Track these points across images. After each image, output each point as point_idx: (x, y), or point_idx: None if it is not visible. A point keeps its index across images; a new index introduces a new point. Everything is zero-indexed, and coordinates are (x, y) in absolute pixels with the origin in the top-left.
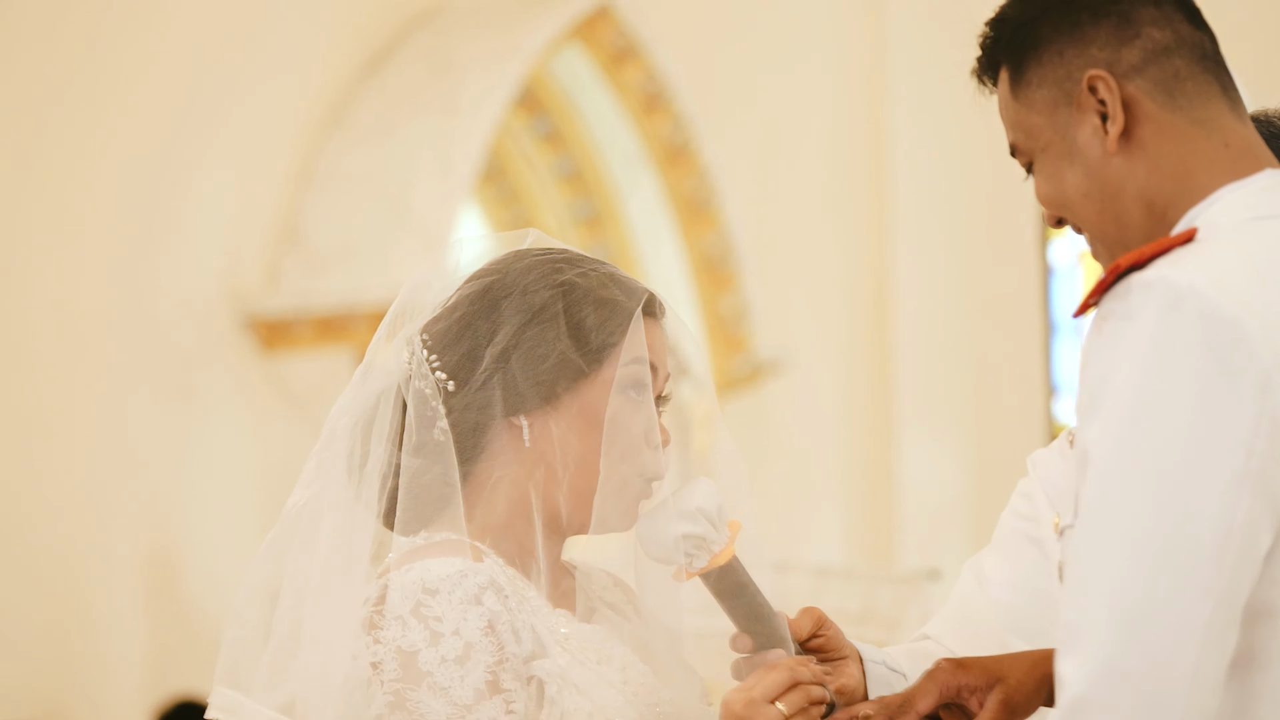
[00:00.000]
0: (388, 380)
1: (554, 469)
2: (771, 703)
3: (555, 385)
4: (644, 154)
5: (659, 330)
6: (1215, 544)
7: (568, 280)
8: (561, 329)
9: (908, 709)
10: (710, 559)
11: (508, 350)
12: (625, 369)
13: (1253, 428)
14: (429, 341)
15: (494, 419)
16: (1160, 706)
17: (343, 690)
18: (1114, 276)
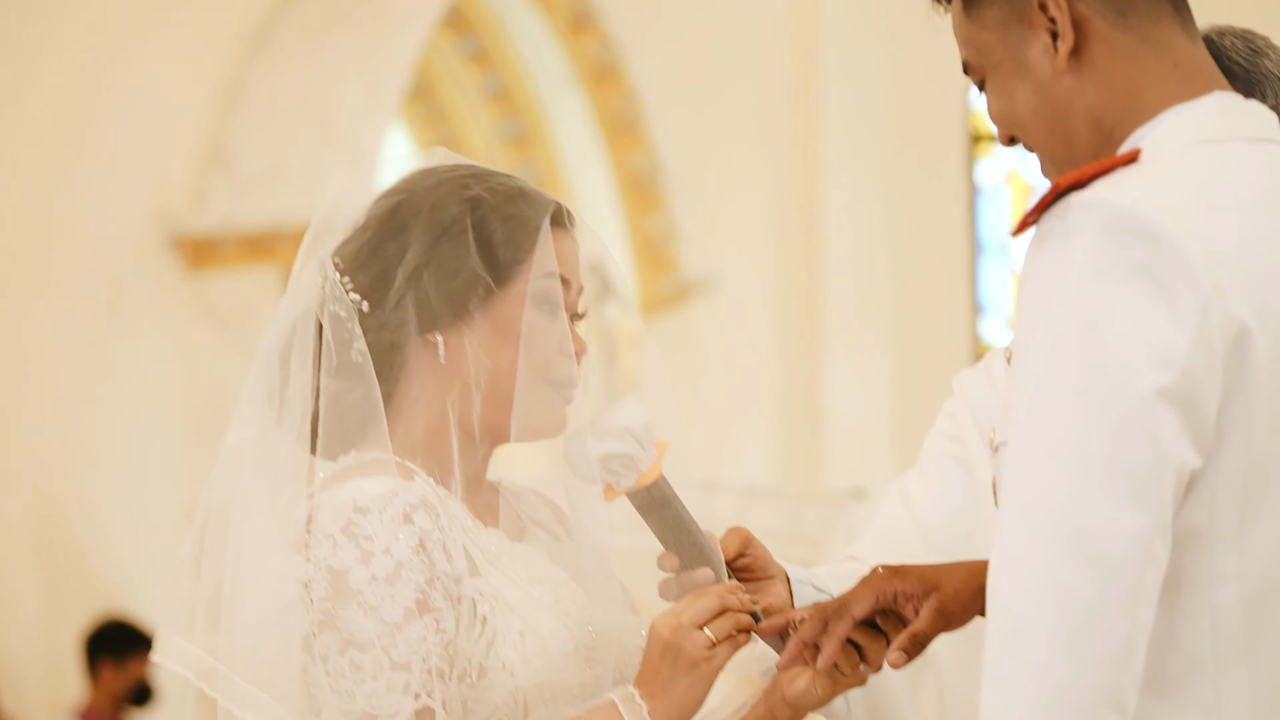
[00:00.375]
0: (304, 305)
1: (470, 384)
2: (700, 628)
3: (467, 301)
4: (572, 73)
5: (570, 240)
6: (1151, 459)
7: (475, 195)
8: (470, 245)
9: (843, 614)
10: (637, 478)
11: (418, 268)
12: (536, 283)
13: (1189, 350)
14: (341, 264)
15: (409, 338)
16: (1106, 624)
17: (274, 612)
18: (1054, 195)
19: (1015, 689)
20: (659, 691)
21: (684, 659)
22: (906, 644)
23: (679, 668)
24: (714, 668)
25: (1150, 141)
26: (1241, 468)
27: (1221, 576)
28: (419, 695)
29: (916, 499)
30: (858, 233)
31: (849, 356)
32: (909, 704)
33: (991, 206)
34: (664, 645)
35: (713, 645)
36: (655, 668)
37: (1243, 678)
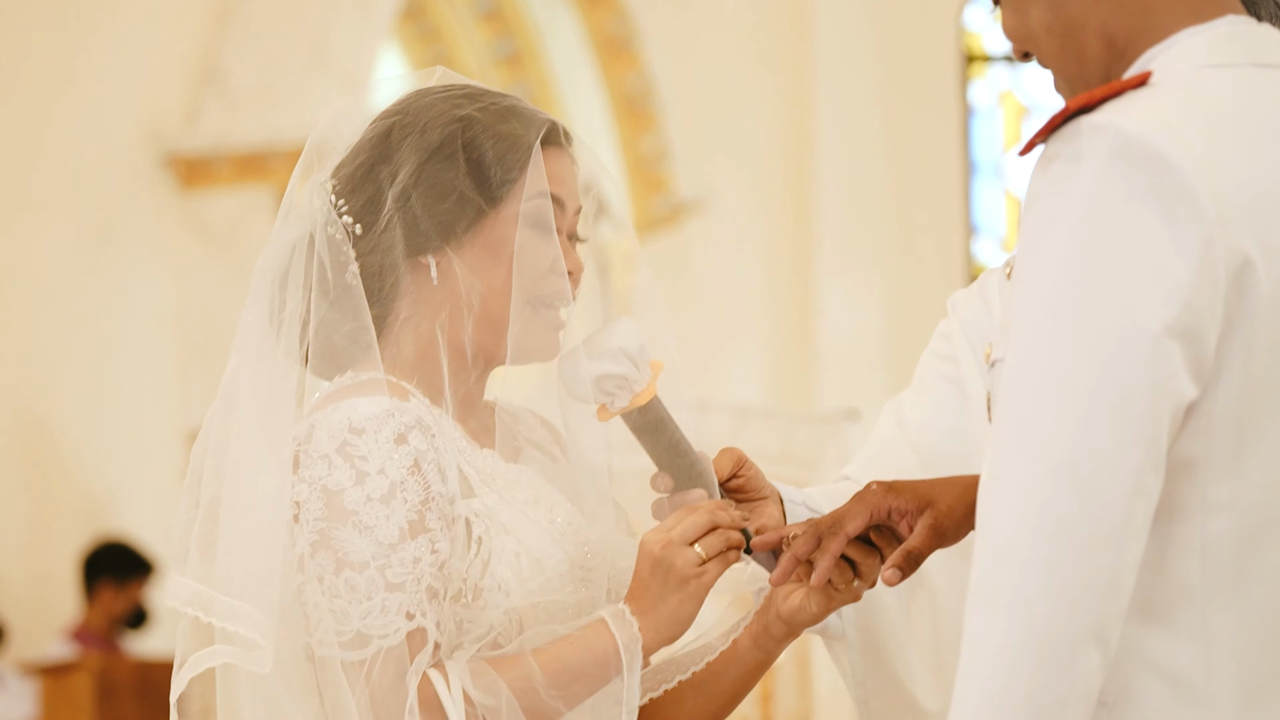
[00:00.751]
0: (300, 228)
1: (460, 306)
2: (690, 545)
3: (456, 223)
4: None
5: (565, 159)
6: (1148, 392)
7: (466, 115)
8: (460, 165)
9: (837, 530)
10: (631, 398)
11: (408, 190)
12: (528, 204)
13: (1192, 281)
14: (337, 186)
15: (401, 260)
16: (1091, 555)
17: (264, 533)
18: (1063, 117)
19: (998, 616)
20: (649, 608)
21: (674, 575)
22: (901, 561)
23: (669, 584)
24: (704, 584)
25: (1161, 63)
26: (1238, 399)
27: (1214, 506)
28: (413, 616)
29: (910, 420)
30: (851, 153)
31: (842, 276)
32: (903, 623)
33: (985, 127)
34: (654, 562)
35: (703, 562)
36: (645, 584)
37: (1230, 607)
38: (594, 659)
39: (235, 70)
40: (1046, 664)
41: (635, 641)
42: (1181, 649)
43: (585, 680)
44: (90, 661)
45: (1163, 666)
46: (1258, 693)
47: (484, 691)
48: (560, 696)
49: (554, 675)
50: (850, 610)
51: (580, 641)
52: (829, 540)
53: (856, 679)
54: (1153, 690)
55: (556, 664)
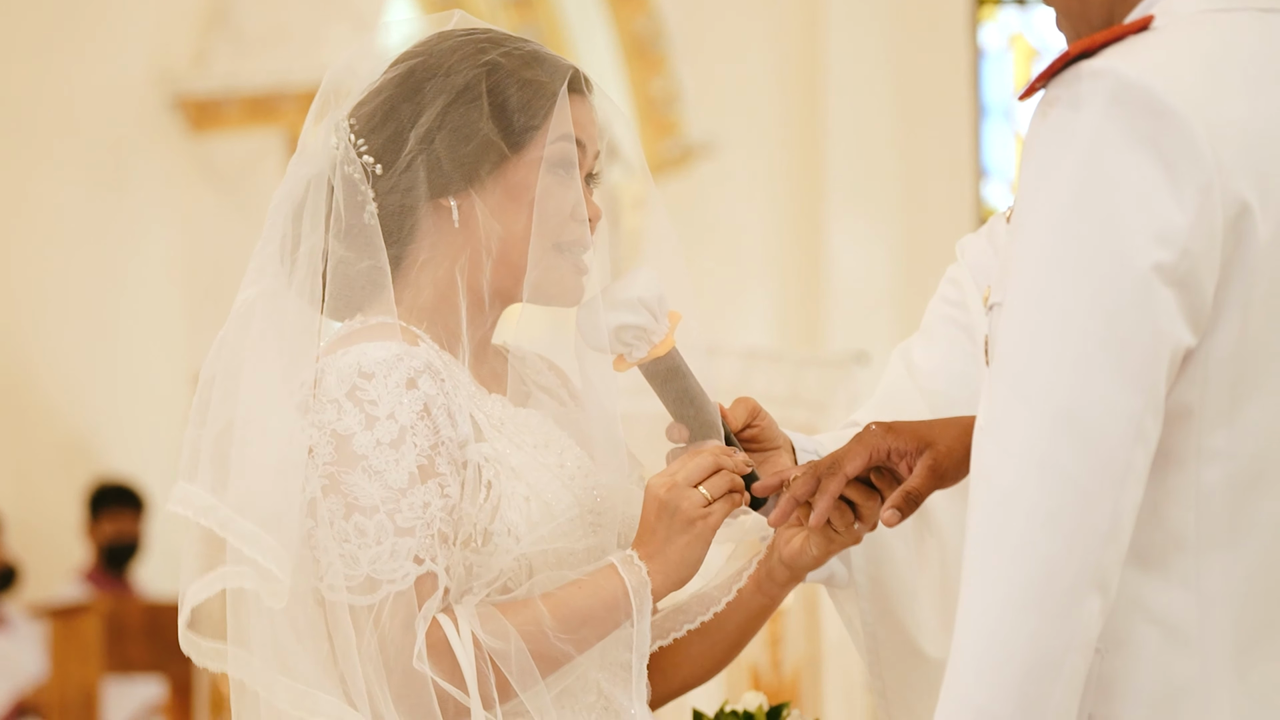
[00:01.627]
0: (316, 166)
1: (480, 250)
2: (695, 487)
3: (479, 166)
4: None
5: (587, 106)
6: (1147, 339)
7: (491, 60)
8: (484, 110)
9: (835, 471)
10: (650, 349)
11: (431, 132)
12: (552, 146)
13: (1190, 229)
14: (356, 125)
15: (420, 201)
16: (1092, 501)
17: (276, 474)
18: (1064, 62)
19: (999, 563)
20: (657, 551)
21: (680, 517)
22: (900, 501)
23: (675, 526)
24: (710, 525)
25: (1163, 7)
26: (1235, 347)
27: (1209, 454)
28: (422, 560)
29: (919, 364)
30: (861, 96)
31: (852, 219)
32: (911, 571)
33: (995, 69)
34: (660, 504)
35: (708, 503)
36: (652, 528)
37: (1224, 555)
38: (603, 603)
39: (245, 12)
40: (1048, 611)
41: (644, 585)
42: (1175, 596)
43: (595, 624)
44: (100, 604)
45: (1157, 614)
46: (1251, 640)
47: (493, 636)
48: (570, 640)
49: (563, 619)
50: (859, 559)
51: (589, 586)
52: (828, 481)
53: (865, 628)
54: (1147, 637)
55: (565, 608)
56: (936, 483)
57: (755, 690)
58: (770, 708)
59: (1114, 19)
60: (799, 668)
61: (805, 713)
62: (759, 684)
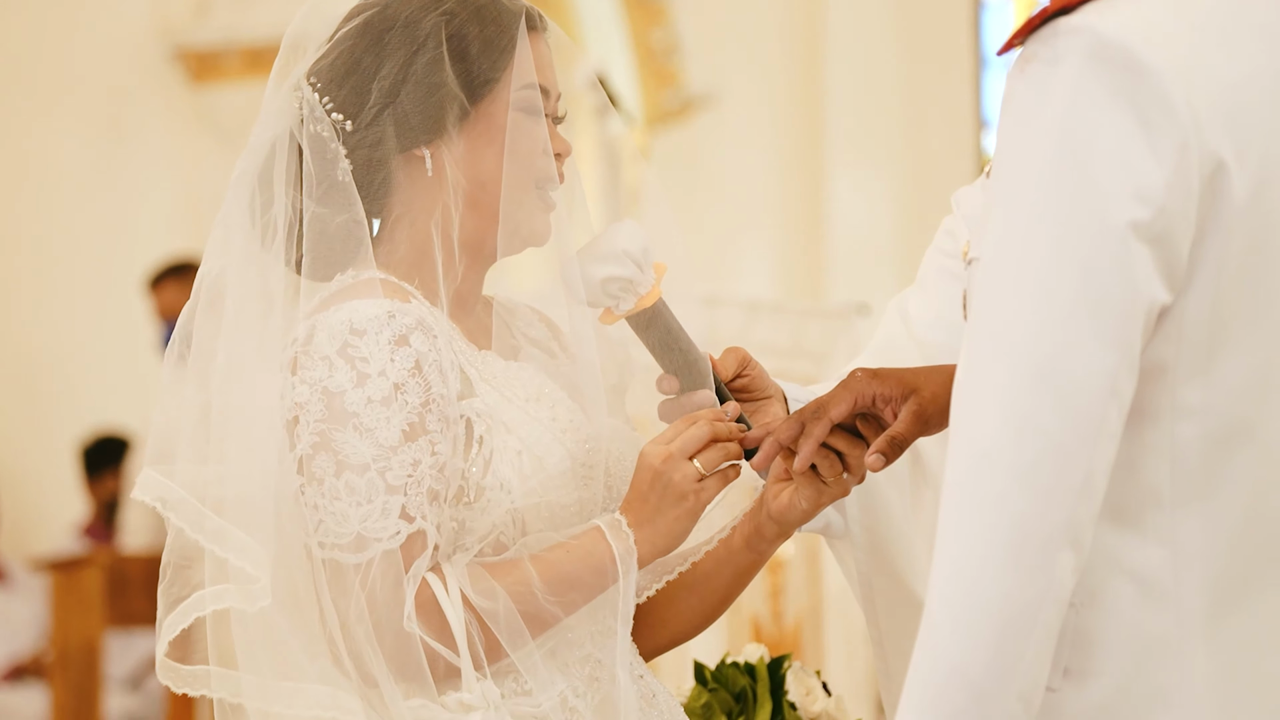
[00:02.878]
0: (280, 126)
1: (452, 199)
2: (689, 459)
3: (446, 116)
4: None
5: (544, 44)
6: (1123, 295)
7: (448, 8)
8: (446, 58)
9: (820, 415)
10: (636, 301)
11: (396, 84)
12: (517, 94)
13: (1166, 186)
14: (318, 84)
15: (391, 154)
16: (1067, 457)
17: (269, 435)
18: (1041, 19)
19: (972, 515)
20: (645, 520)
21: (672, 490)
22: (885, 446)
23: (667, 498)
24: (702, 500)
25: None
26: (1210, 305)
27: (1184, 410)
28: (413, 518)
29: (915, 316)
30: (861, 46)
31: (852, 170)
32: (908, 522)
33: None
34: (654, 474)
35: (701, 478)
36: (644, 495)
37: (1198, 511)
38: (591, 568)
39: None
40: (1022, 564)
41: (631, 554)
42: (1150, 552)
43: (582, 588)
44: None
45: (1132, 569)
46: (1225, 595)
47: (482, 595)
48: (558, 603)
49: (551, 581)
50: (854, 509)
51: (577, 550)
52: (812, 425)
53: (862, 578)
54: (1121, 592)
55: (553, 570)
56: (921, 428)
57: (756, 642)
58: (771, 660)
59: None
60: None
61: (807, 664)
62: (760, 636)
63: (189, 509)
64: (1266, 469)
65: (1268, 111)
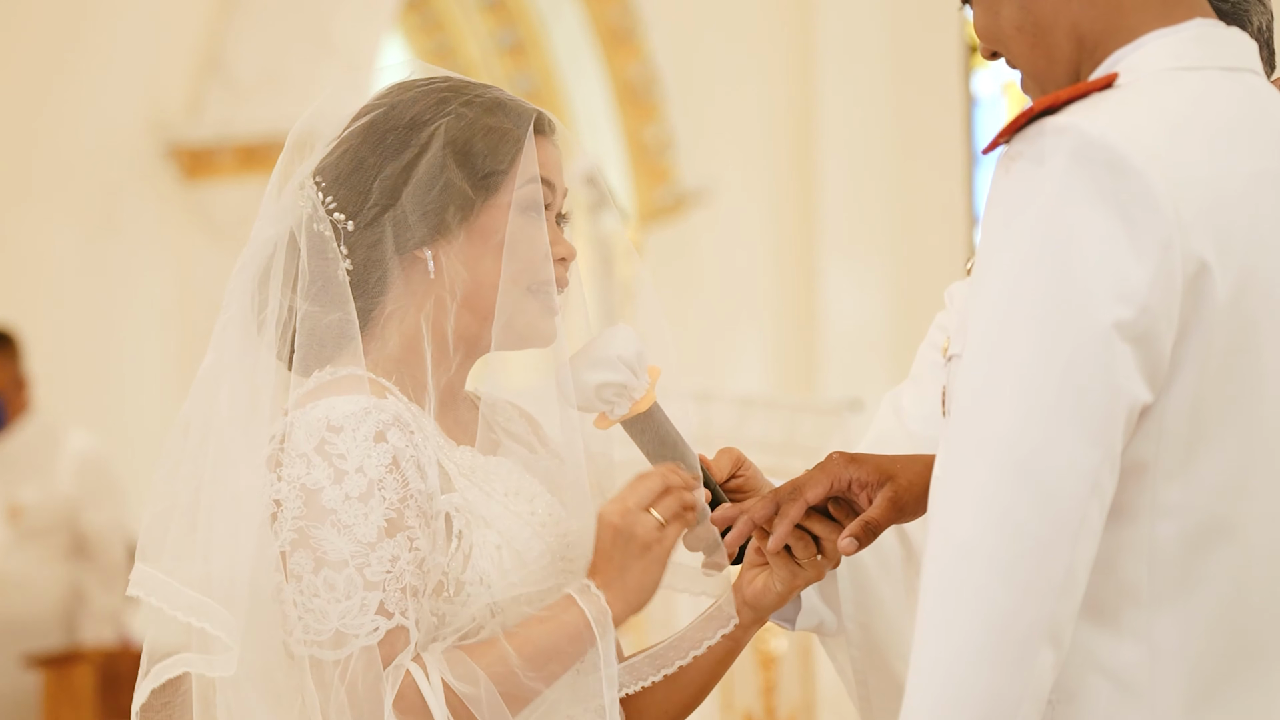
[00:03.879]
0: (281, 224)
1: (446, 295)
2: (646, 510)
3: (446, 217)
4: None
5: (551, 147)
6: (1105, 393)
7: (453, 109)
8: (450, 159)
9: (796, 496)
10: (631, 406)
11: (398, 184)
12: (520, 190)
13: (1149, 284)
14: (322, 183)
15: (389, 254)
16: (1048, 554)
17: (250, 530)
18: (1027, 118)
19: (954, 614)
20: (614, 579)
21: (635, 542)
22: (858, 530)
23: (631, 552)
24: (665, 548)
25: (1127, 65)
26: (1191, 404)
27: (1163, 509)
28: (392, 614)
29: (909, 411)
30: (855, 143)
31: (845, 266)
32: (901, 616)
33: (988, 117)
34: (614, 531)
35: (662, 526)
36: (607, 555)
37: (1176, 609)
38: (567, 636)
39: (238, 60)
40: (1002, 662)
41: (604, 614)
42: (1127, 650)
43: (561, 658)
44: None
45: (1109, 667)
46: (1202, 695)
47: (463, 680)
48: (538, 677)
49: (529, 657)
50: (849, 606)
51: (551, 620)
52: (787, 506)
53: (858, 675)
54: (1099, 691)
55: (530, 645)
56: (896, 515)
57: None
58: None
59: (1079, 78)
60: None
61: None
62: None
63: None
64: (1244, 568)
65: (1248, 214)
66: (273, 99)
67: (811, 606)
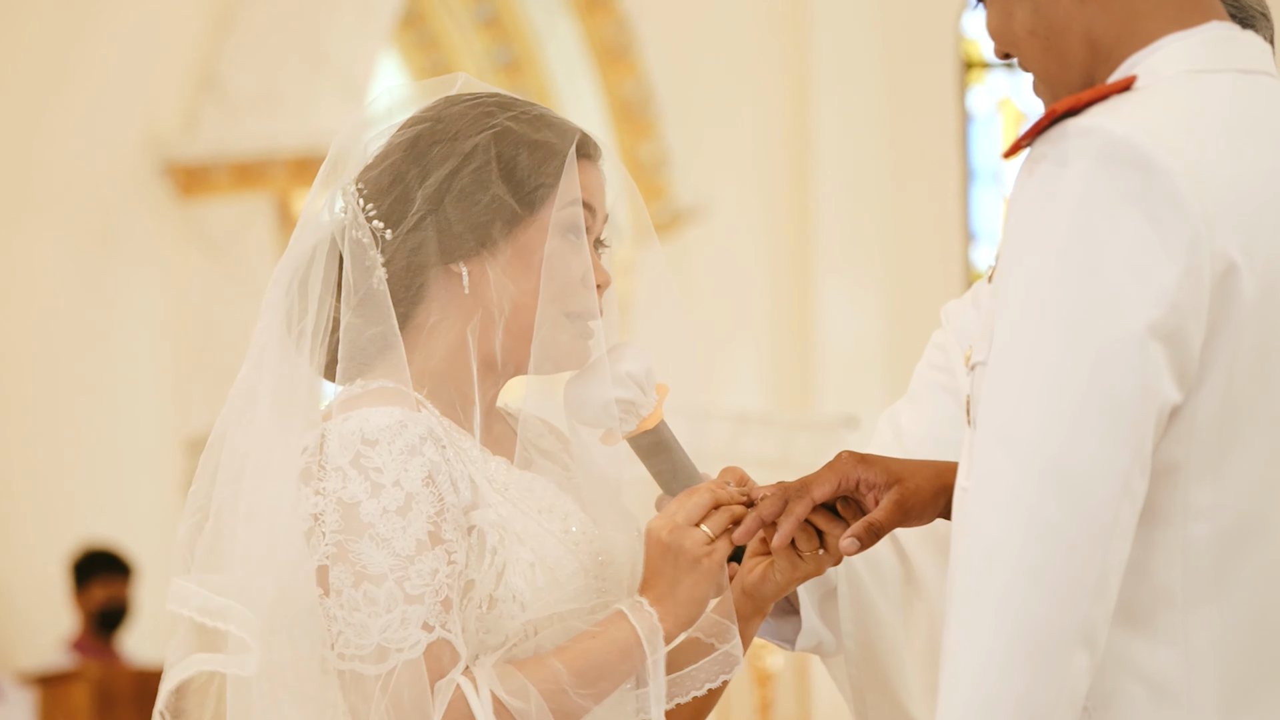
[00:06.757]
0: (322, 233)
1: (491, 313)
2: (696, 525)
3: (490, 229)
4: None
5: (595, 171)
6: (1135, 394)
7: (500, 124)
8: (494, 172)
9: (804, 493)
10: (639, 423)
11: (440, 194)
12: (561, 212)
13: (1178, 284)
14: (365, 190)
15: (431, 265)
16: (1079, 556)
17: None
18: (1049, 120)
19: (986, 619)
20: (665, 594)
21: (685, 557)
22: (861, 531)
23: (681, 566)
24: (716, 562)
25: (1145, 68)
26: (1221, 404)
27: (1195, 511)
28: (432, 628)
29: (906, 430)
30: (850, 160)
31: (841, 283)
32: (899, 635)
33: (984, 133)
34: (663, 547)
35: (711, 540)
36: (658, 570)
37: (1211, 612)
38: (618, 653)
39: (234, 77)
40: (1036, 667)
41: (655, 632)
42: (1162, 654)
43: (611, 675)
44: (89, 670)
45: (1144, 672)
46: (1239, 699)
47: (514, 695)
48: (589, 694)
49: (580, 673)
50: (848, 624)
51: (602, 636)
52: (794, 503)
53: (856, 693)
54: (1134, 696)
55: (581, 661)
56: (901, 518)
57: None
58: None
59: (1094, 82)
60: None
61: None
62: None
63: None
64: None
65: (1274, 213)
66: (268, 116)
67: (811, 627)
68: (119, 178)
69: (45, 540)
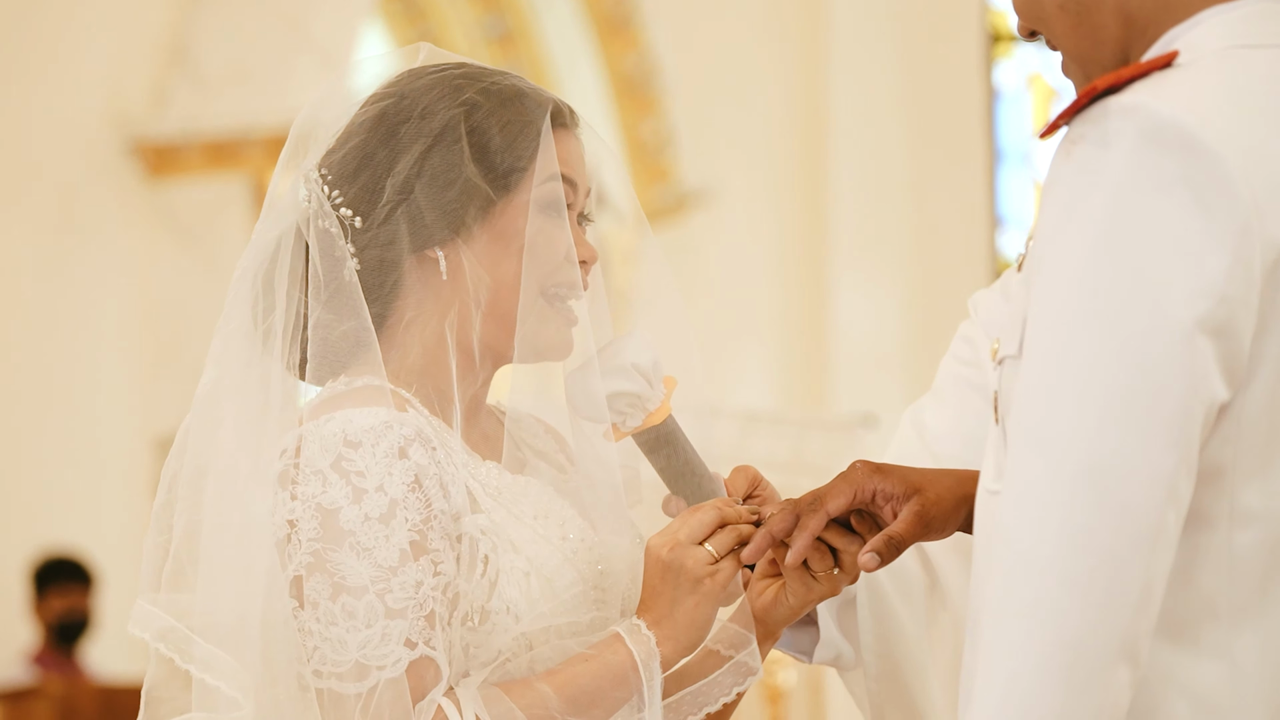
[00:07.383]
0: (286, 222)
1: (469, 303)
2: (699, 544)
3: (464, 214)
4: None
5: (574, 141)
6: (1182, 392)
7: (469, 99)
8: (466, 153)
9: (817, 508)
10: (645, 417)
11: (411, 179)
12: (540, 188)
13: (1227, 273)
14: (328, 176)
15: (403, 255)
16: (1123, 567)
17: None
18: (1089, 98)
19: (1024, 631)
20: (664, 616)
21: (686, 577)
22: (880, 546)
23: (682, 587)
24: (719, 583)
25: (1185, 43)
26: (1270, 402)
27: (1242, 516)
28: (415, 644)
29: (931, 427)
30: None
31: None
32: (922, 648)
33: (1012, 111)
34: (663, 566)
35: (715, 560)
36: (657, 591)
37: (1258, 624)
38: (612, 679)
39: (206, 50)
40: (1073, 683)
41: (653, 656)
42: (1207, 668)
43: (604, 703)
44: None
45: (1187, 686)
46: None
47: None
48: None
49: (571, 699)
50: (868, 637)
51: (595, 660)
52: (807, 518)
53: (875, 708)
54: (1178, 712)
55: (573, 687)
56: (922, 531)
57: None
58: None
59: (1128, 60)
60: None
61: None
62: None
63: (178, 637)
64: None
65: None
66: (243, 92)
67: (829, 639)
68: (82, 157)
69: (4, 547)
